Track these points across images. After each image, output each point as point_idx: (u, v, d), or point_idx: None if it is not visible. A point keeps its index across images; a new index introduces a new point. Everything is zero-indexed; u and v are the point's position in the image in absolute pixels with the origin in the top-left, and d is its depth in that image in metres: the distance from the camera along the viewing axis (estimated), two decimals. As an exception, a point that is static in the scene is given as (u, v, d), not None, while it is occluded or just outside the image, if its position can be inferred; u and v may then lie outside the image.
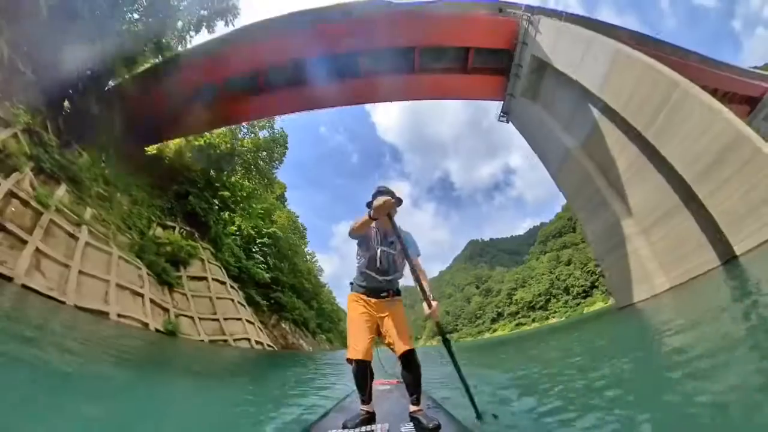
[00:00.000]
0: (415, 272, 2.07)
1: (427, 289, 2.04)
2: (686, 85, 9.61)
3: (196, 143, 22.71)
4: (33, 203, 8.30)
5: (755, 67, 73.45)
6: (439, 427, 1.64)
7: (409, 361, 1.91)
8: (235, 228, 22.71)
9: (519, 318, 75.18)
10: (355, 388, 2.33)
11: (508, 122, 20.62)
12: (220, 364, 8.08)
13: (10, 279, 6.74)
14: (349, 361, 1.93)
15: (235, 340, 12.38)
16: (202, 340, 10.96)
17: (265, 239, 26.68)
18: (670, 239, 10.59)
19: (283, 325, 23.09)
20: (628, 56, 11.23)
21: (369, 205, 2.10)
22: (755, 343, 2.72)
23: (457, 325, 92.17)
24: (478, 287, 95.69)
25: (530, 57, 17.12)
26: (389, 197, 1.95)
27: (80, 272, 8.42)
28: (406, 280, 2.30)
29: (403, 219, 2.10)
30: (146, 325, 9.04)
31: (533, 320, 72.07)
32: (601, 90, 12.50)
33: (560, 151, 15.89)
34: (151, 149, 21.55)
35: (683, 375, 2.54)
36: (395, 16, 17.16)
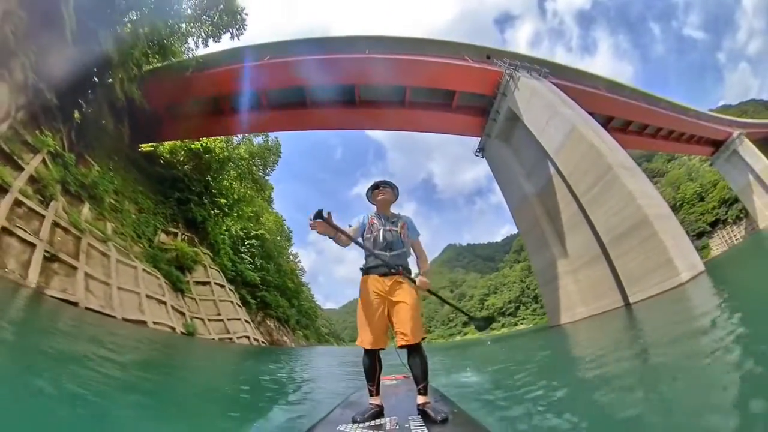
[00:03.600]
0: (414, 250, 2.27)
1: (422, 265, 2.21)
2: (617, 170, 12.68)
3: (192, 146, 24.12)
4: (72, 230, 10.19)
5: (730, 106, 79.95)
6: (447, 419, 1.68)
7: (415, 352, 1.95)
8: (225, 229, 24.59)
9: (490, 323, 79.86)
10: (361, 385, 2.34)
11: (483, 157, 23.58)
12: (237, 359, 10.44)
13: (75, 304, 8.78)
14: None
15: (238, 338, 14.86)
16: (213, 339, 13.35)
17: (253, 241, 28.81)
18: (591, 281, 13.85)
19: (268, 322, 25.42)
20: (580, 135, 14.19)
21: (368, 195, 2.32)
22: (629, 354, 4.68)
23: (430, 327, 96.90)
24: (452, 291, 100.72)
25: (507, 107, 20.00)
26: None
27: (119, 288, 10.60)
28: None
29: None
30: (173, 329, 11.35)
31: (503, 326, 77.04)
32: (555, 154, 15.55)
33: (520, 194, 19.00)
34: (145, 147, 22.76)
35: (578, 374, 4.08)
36: (392, 58, 19.61)
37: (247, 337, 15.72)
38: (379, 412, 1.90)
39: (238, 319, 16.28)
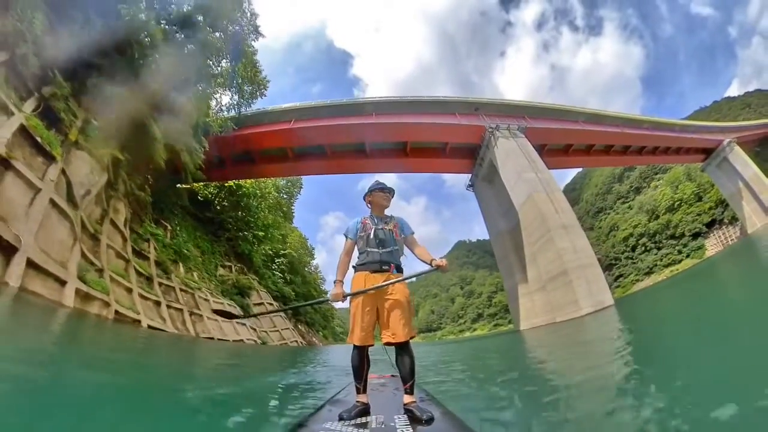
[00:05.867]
0: (412, 247, 2.38)
1: (426, 255, 2.26)
2: (554, 231, 18.68)
3: (226, 185, 29.91)
4: (188, 289, 16.65)
5: (734, 98, 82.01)
6: (432, 419, 1.76)
7: (403, 351, 2.07)
8: (263, 253, 31.25)
9: (497, 319, 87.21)
10: (348, 383, 2.72)
11: (473, 192, 29.60)
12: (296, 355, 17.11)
13: (212, 338, 15.40)
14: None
15: (290, 342, 21.83)
16: (277, 345, 20.20)
17: (282, 259, 35.60)
18: (539, 303, 20.11)
19: (299, 326, 32.37)
20: (533, 201, 20.26)
21: (365, 198, 2.51)
22: (573, 351, 7.08)
23: (441, 323, 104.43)
24: (462, 288, 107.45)
25: (489, 159, 25.90)
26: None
27: (223, 320, 17.32)
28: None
29: (393, 212, 2.52)
30: (255, 341, 18.11)
31: (509, 322, 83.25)
32: (519, 208, 21.61)
33: (497, 229, 25.24)
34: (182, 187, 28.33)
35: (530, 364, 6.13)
36: (394, 122, 25.64)
37: (296, 341, 22.69)
38: (365, 410, 1.99)
39: (288, 329, 23.22)
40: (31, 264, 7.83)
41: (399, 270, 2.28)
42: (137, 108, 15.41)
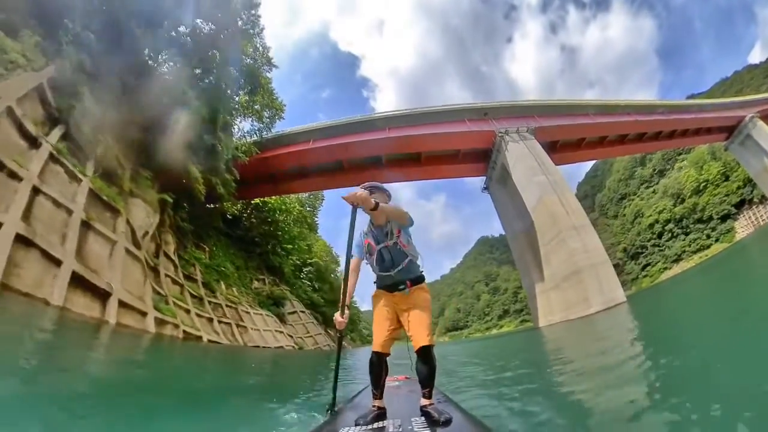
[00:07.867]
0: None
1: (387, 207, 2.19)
2: (565, 232, 19.65)
3: (252, 202, 32.00)
4: (231, 304, 18.64)
5: (756, 65, 77.78)
6: (450, 420, 1.76)
7: (425, 356, 2.07)
8: (291, 264, 33.35)
9: (523, 315, 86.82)
10: (363, 387, 2.84)
11: (488, 194, 30.62)
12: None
13: (258, 346, 17.39)
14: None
15: (323, 346, 23.70)
16: (312, 349, 22.12)
17: (309, 267, 37.69)
18: (554, 300, 21.10)
19: (329, 331, 34.28)
20: (544, 204, 21.23)
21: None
22: (586, 344, 8.81)
23: (467, 321, 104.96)
24: (487, 284, 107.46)
25: (501, 163, 26.89)
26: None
27: (263, 330, 19.34)
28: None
29: (411, 212, 2.34)
30: (293, 347, 20.05)
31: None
32: (532, 210, 22.61)
33: (513, 230, 26.25)
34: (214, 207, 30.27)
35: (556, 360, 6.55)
36: (407, 135, 27.05)
37: (328, 345, 24.62)
38: (381, 414, 2.01)
39: (320, 334, 25.19)
40: (121, 303, 9.96)
41: (417, 281, 2.26)
42: (175, 153, 17.50)
